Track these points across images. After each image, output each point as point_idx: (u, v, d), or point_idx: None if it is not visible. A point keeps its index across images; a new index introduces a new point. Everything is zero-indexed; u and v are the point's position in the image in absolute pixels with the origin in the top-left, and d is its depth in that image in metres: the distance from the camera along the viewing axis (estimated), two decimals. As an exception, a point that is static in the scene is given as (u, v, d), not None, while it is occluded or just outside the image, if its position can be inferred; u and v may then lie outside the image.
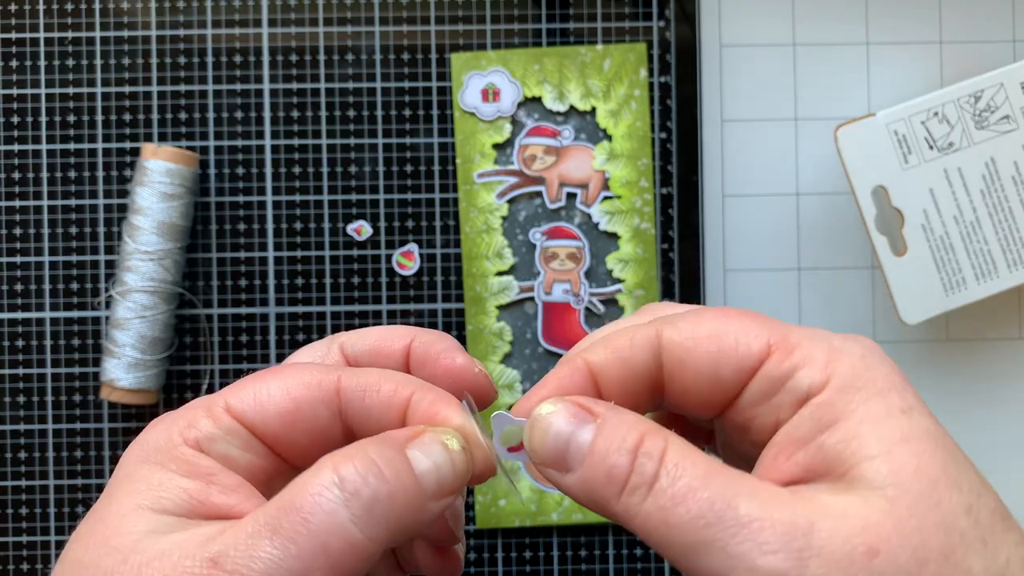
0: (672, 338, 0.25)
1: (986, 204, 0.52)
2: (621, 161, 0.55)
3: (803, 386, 0.24)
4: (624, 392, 0.26)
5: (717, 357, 0.25)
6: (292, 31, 0.56)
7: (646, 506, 0.23)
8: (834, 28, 0.56)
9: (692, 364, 0.25)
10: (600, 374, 0.26)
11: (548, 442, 0.25)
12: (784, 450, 0.24)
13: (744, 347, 0.25)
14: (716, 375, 0.25)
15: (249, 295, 0.56)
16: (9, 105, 0.56)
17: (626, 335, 0.26)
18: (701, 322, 0.25)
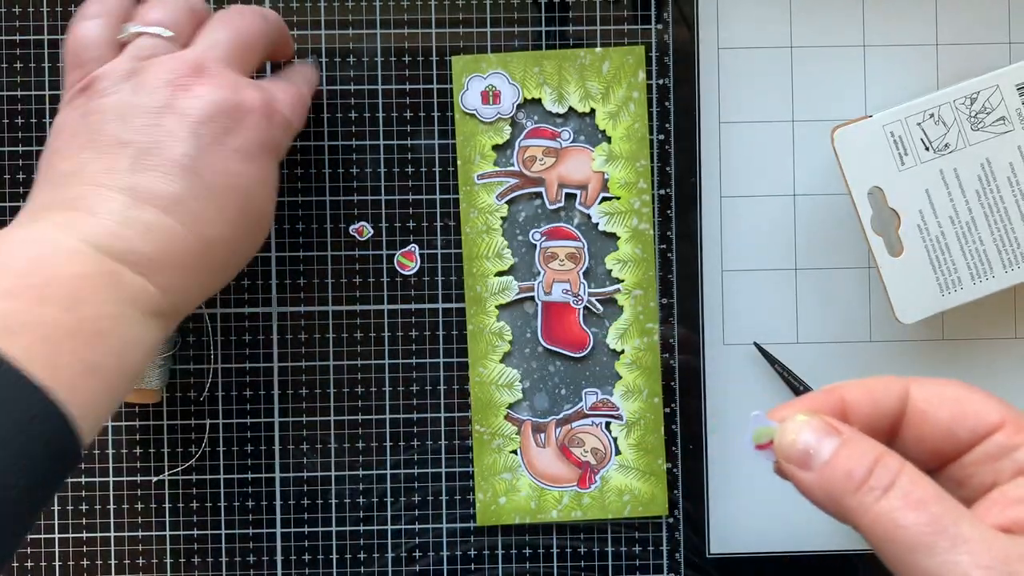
0: (920, 393, 0.30)
1: (982, 205, 0.53)
2: (620, 162, 0.56)
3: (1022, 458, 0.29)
4: (865, 425, 0.31)
5: (958, 418, 0.30)
6: (294, 33, 0.56)
7: (880, 504, 0.27)
8: (831, 31, 0.57)
9: (933, 417, 0.30)
10: (850, 405, 0.31)
11: (798, 443, 0.30)
12: (998, 504, 0.28)
13: (983, 415, 0.30)
14: (952, 432, 0.30)
15: (251, 295, 0.56)
16: (13, 107, 0.56)
17: (882, 381, 0.31)
18: (947, 387, 0.31)
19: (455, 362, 0.57)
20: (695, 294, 0.57)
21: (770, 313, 0.57)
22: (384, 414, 0.57)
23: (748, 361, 0.57)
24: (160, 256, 0.39)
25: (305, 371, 0.56)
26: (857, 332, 0.57)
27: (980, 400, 0.30)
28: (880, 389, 0.31)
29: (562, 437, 0.56)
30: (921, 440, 0.30)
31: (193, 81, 0.41)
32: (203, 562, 0.56)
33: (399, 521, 0.57)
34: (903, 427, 0.31)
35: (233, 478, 0.56)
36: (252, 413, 0.56)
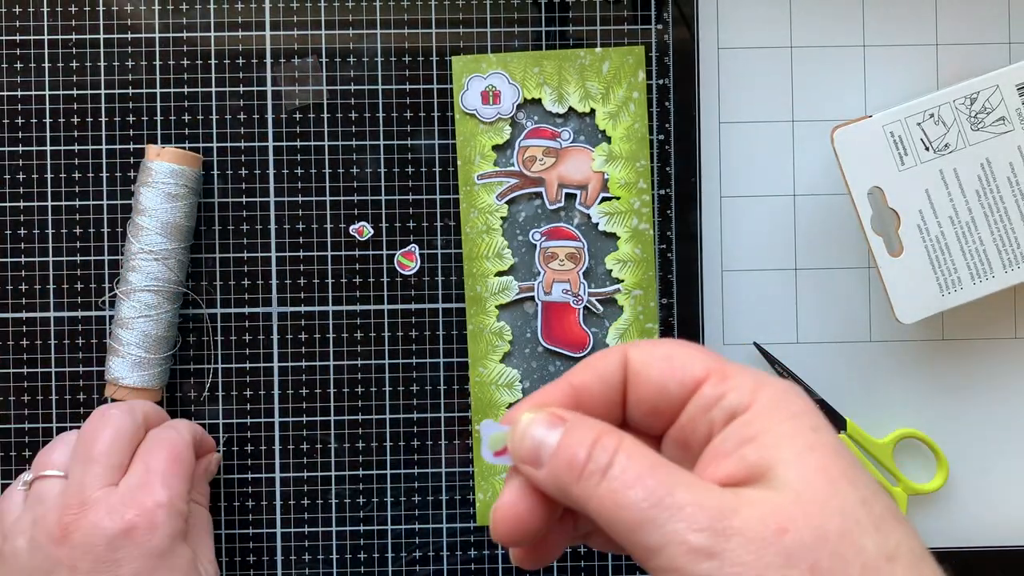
0: (635, 356, 0.31)
1: (981, 205, 0.53)
2: (620, 162, 0.56)
3: (731, 405, 0.29)
4: (601, 403, 0.31)
5: (666, 374, 0.30)
6: (294, 34, 0.56)
7: (600, 489, 0.27)
8: (831, 31, 0.57)
9: (646, 377, 0.30)
10: (579, 388, 0.31)
11: (525, 443, 0.30)
12: (713, 460, 0.28)
13: (689, 369, 0.30)
14: (664, 389, 0.30)
15: (252, 295, 0.56)
16: (13, 107, 0.56)
17: (603, 354, 0.31)
18: (659, 346, 0.31)
19: (455, 362, 0.57)
20: (695, 294, 0.57)
21: (770, 313, 0.57)
22: (384, 414, 0.57)
23: (748, 361, 0.57)
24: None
25: (305, 371, 0.56)
26: (857, 332, 0.57)
27: (687, 354, 0.30)
28: (601, 363, 0.31)
29: (562, 437, 0.56)
30: (640, 402, 0.31)
31: (78, 515, 0.46)
32: (203, 562, 0.56)
33: (399, 521, 0.57)
34: (628, 393, 0.31)
35: (233, 478, 0.56)
36: (252, 413, 0.56)
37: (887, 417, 0.57)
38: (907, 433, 0.57)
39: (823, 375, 0.57)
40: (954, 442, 0.57)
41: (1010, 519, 0.57)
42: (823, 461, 0.27)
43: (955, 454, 0.57)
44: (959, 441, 0.57)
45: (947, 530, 0.57)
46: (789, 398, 0.29)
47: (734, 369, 0.30)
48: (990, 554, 0.57)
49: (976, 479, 0.57)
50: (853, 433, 0.56)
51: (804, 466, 0.27)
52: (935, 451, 0.57)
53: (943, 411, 0.57)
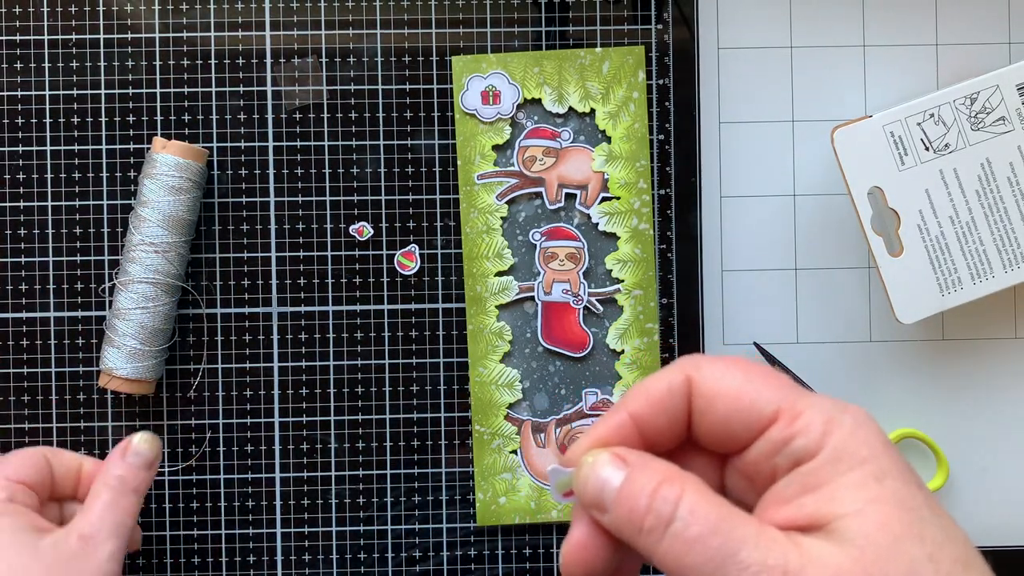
0: (702, 386, 0.30)
1: (982, 205, 0.53)
2: (620, 162, 0.56)
3: (798, 452, 0.28)
4: (664, 431, 0.30)
5: (733, 414, 0.29)
6: (294, 34, 0.56)
7: (663, 546, 0.27)
8: (831, 31, 0.57)
9: (712, 412, 0.29)
10: (640, 420, 0.30)
11: (589, 488, 0.29)
12: (774, 504, 0.28)
13: (757, 408, 0.29)
14: (730, 427, 0.29)
15: (252, 294, 0.56)
16: (14, 107, 0.56)
17: (663, 381, 0.30)
18: (727, 374, 0.29)
19: (455, 362, 0.57)
20: (695, 294, 0.57)
21: (770, 313, 0.57)
22: (384, 414, 0.57)
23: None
24: None
25: (305, 371, 0.56)
26: (857, 332, 0.57)
27: (756, 389, 0.29)
28: (663, 394, 0.30)
29: (562, 437, 0.56)
30: (706, 433, 0.30)
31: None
32: (203, 562, 0.56)
33: (399, 521, 0.57)
34: (692, 420, 0.30)
35: (233, 478, 0.56)
36: (252, 413, 0.56)
37: (887, 417, 0.57)
38: (907, 433, 0.57)
39: (823, 375, 0.57)
40: (954, 442, 0.57)
41: (1010, 519, 0.57)
42: (886, 515, 0.26)
43: (955, 454, 0.57)
44: (959, 441, 0.57)
45: (947, 530, 0.57)
46: (858, 441, 0.28)
47: (805, 404, 0.28)
48: (990, 554, 0.57)
49: (976, 479, 0.57)
50: (853, 433, 0.56)
51: (866, 522, 0.26)
52: (935, 451, 0.57)
53: (943, 411, 0.57)
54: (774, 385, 0.29)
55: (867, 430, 0.28)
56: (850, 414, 0.28)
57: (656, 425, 0.30)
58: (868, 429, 0.28)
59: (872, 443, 0.28)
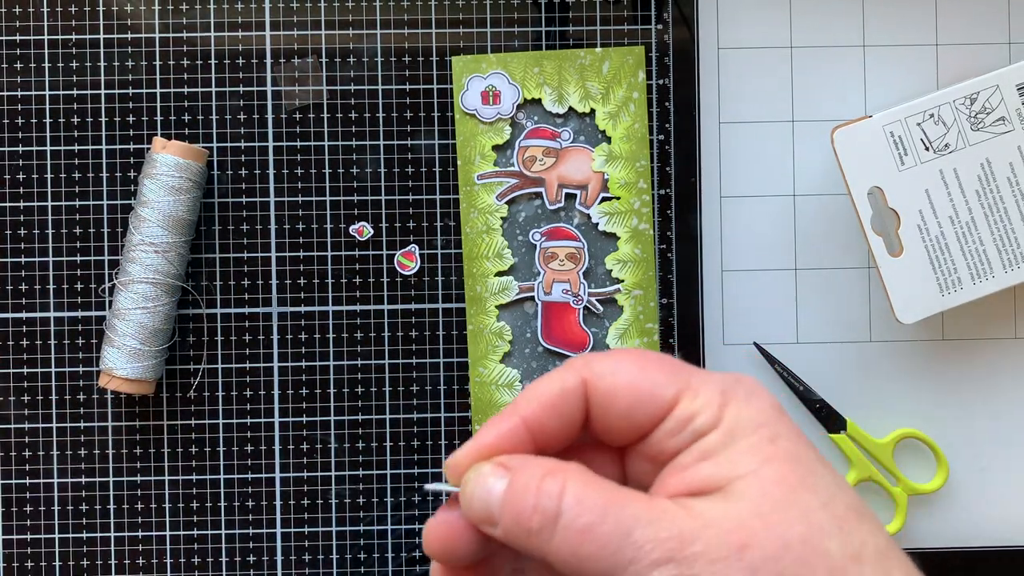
0: (597, 384, 0.29)
1: (981, 205, 0.53)
2: (620, 163, 0.56)
3: (698, 427, 0.28)
4: (558, 434, 0.29)
5: (635, 405, 0.29)
6: (294, 34, 0.56)
7: (555, 543, 0.26)
8: (831, 31, 0.57)
9: (611, 407, 0.29)
10: (533, 426, 0.29)
11: (475, 505, 0.28)
12: (672, 474, 0.28)
13: (658, 395, 0.29)
14: (633, 419, 0.29)
15: (252, 295, 0.56)
16: (14, 107, 0.56)
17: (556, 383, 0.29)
18: (620, 368, 0.29)
19: (455, 362, 0.57)
20: (695, 294, 0.57)
21: (770, 313, 0.57)
22: (384, 414, 0.57)
23: (748, 361, 0.57)
24: None
25: (305, 371, 0.56)
26: (857, 332, 0.57)
27: (653, 378, 0.29)
28: (556, 396, 0.29)
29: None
30: (610, 430, 0.29)
31: None
32: (203, 562, 0.56)
33: (399, 521, 0.57)
34: (590, 419, 0.30)
35: (233, 478, 0.56)
36: (252, 413, 0.56)
37: (887, 417, 0.57)
38: (907, 433, 0.57)
39: (823, 375, 0.57)
40: (954, 442, 0.57)
41: (1010, 519, 0.57)
42: (780, 471, 0.27)
43: (955, 454, 0.57)
44: (959, 441, 0.57)
45: (947, 530, 0.57)
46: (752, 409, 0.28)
47: (700, 381, 0.29)
48: (990, 554, 0.57)
49: (976, 479, 0.57)
50: (853, 433, 0.56)
51: (761, 479, 0.27)
52: (935, 451, 0.57)
53: (943, 411, 0.57)
54: (669, 370, 0.29)
55: (759, 398, 0.29)
56: (743, 385, 0.29)
57: (549, 428, 0.29)
58: (760, 397, 0.29)
59: (765, 409, 0.28)
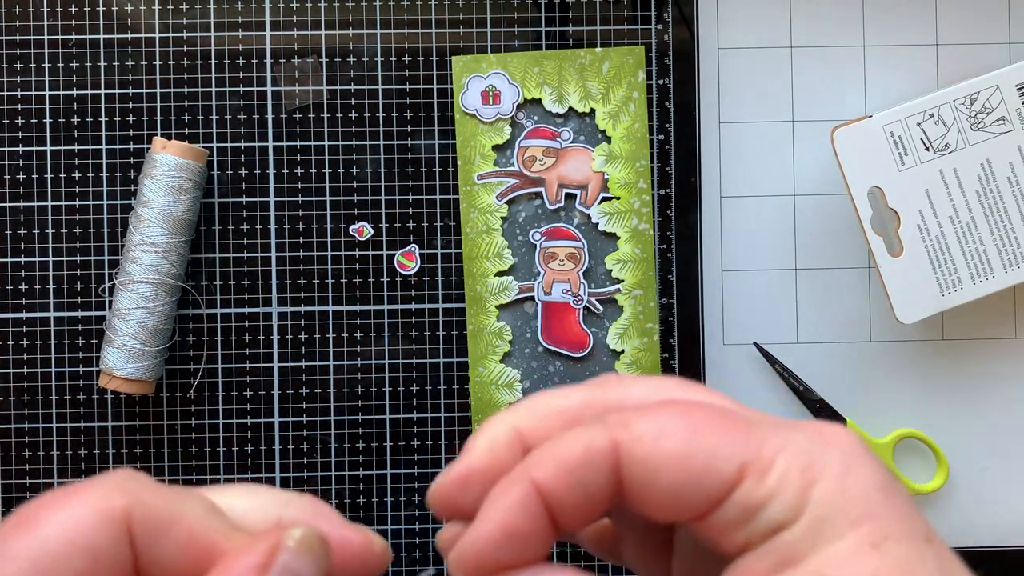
0: (634, 456, 0.22)
1: (982, 205, 0.53)
2: (620, 163, 0.56)
3: (774, 519, 0.22)
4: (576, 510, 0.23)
5: (685, 483, 0.22)
6: (294, 34, 0.56)
7: None
8: (831, 31, 0.57)
9: (657, 488, 0.22)
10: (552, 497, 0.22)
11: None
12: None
13: (715, 473, 0.22)
14: (682, 500, 0.22)
15: (251, 295, 0.56)
16: (14, 107, 0.56)
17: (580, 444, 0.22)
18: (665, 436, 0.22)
19: (455, 362, 0.57)
20: (695, 294, 0.57)
21: (770, 313, 0.57)
22: (384, 414, 0.57)
23: (748, 361, 0.57)
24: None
25: (305, 371, 0.56)
26: (857, 332, 0.57)
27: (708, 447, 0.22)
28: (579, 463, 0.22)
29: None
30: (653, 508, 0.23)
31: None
32: (203, 562, 0.56)
33: (399, 521, 0.57)
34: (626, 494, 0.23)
35: (233, 478, 0.56)
36: (252, 413, 0.56)
37: (887, 417, 0.57)
38: (907, 433, 0.57)
39: (823, 375, 0.57)
40: (954, 442, 0.57)
41: (1010, 519, 0.57)
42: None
43: (955, 454, 0.57)
44: (959, 441, 0.57)
45: (947, 530, 0.57)
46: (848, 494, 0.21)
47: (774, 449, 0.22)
48: (990, 554, 0.57)
49: (976, 479, 0.57)
50: (853, 433, 0.56)
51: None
52: (935, 451, 0.57)
53: (943, 411, 0.57)
54: (731, 432, 0.22)
55: (857, 474, 0.22)
56: (835, 450, 0.22)
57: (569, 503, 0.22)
58: (859, 472, 0.22)
59: (866, 492, 0.22)
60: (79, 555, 0.20)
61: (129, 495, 0.21)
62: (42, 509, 0.20)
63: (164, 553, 0.21)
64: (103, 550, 0.20)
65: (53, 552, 0.20)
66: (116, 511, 0.20)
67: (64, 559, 0.20)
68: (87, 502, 0.21)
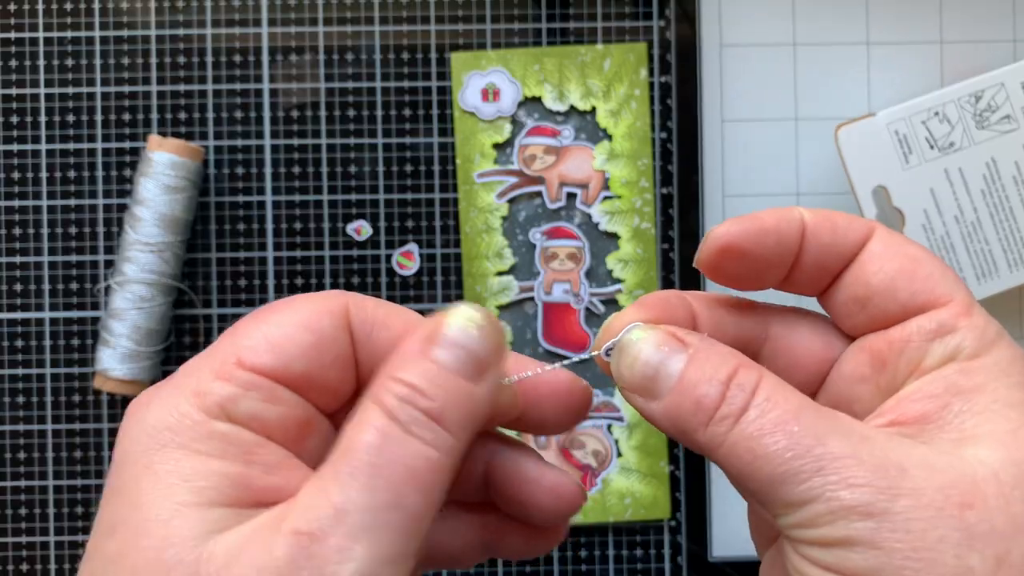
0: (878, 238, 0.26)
1: (987, 204, 0.53)
2: (621, 161, 0.56)
3: (960, 345, 0.24)
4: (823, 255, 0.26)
5: (907, 274, 0.25)
6: (292, 31, 0.56)
7: (732, 435, 0.23)
8: (834, 28, 0.56)
9: (878, 270, 0.25)
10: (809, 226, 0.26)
11: (636, 369, 0.25)
12: (915, 396, 0.24)
13: (934, 283, 0.25)
14: (894, 288, 0.25)
15: (248, 295, 0.56)
16: (9, 105, 0.56)
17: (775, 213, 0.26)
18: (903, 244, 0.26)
19: (455, 363, 0.56)
20: (697, 294, 0.56)
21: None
22: (383, 415, 0.56)
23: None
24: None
25: (303, 372, 0.56)
26: (861, 332, 0.57)
27: (938, 268, 0.25)
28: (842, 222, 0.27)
29: (563, 439, 0.56)
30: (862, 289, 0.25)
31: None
32: (200, 565, 0.56)
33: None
34: (847, 273, 0.26)
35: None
36: (249, 414, 0.56)
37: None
38: (911, 435, 0.56)
39: (826, 376, 0.56)
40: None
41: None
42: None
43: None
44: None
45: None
46: (1019, 361, 0.24)
47: (977, 308, 0.25)
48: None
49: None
50: (857, 435, 0.56)
51: (1013, 445, 0.22)
52: None
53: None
54: (955, 276, 0.25)
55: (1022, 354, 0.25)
56: (1014, 344, 0.25)
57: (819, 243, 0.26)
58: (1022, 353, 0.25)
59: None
60: (305, 334, 0.23)
61: (348, 298, 0.25)
62: (272, 307, 0.24)
63: (378, 343, 0.25)
64: (326, 333, 0.24)
65: (283, 331, 0.23)
66: (337, 306, 0.24)
67: (292, 336, 0.23)
68: (312, 300, 0.24)
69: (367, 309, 0.25)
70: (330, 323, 0.24)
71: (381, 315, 0.25)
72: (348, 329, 0.25)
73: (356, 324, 0.25)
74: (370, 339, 0.25)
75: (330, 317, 0.24)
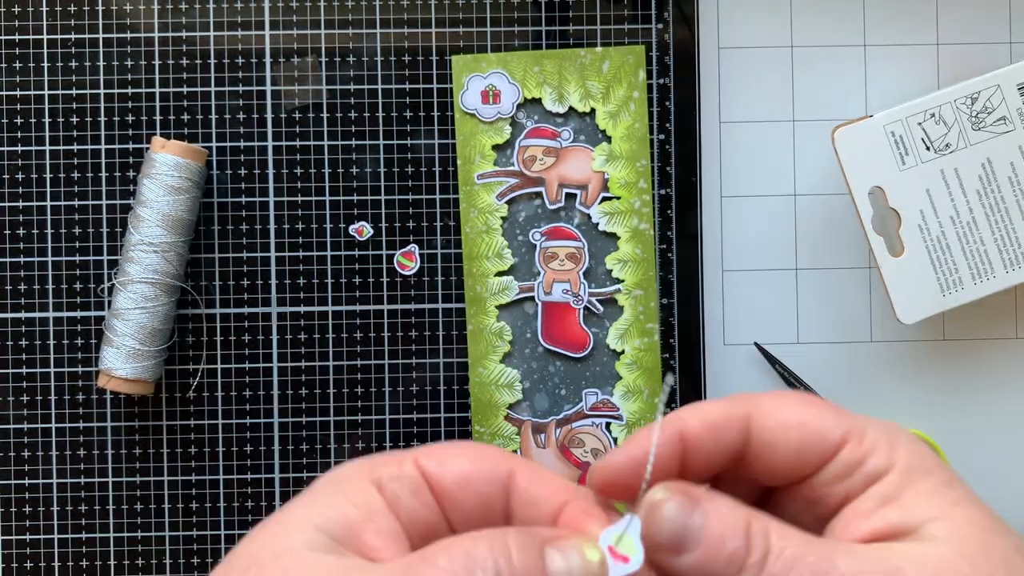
0: (763, 423, 0.29)
1: (983, 205, 0.53)
2: (620, 162, 0.56)
3: (872, 471, 0.29)
4: (705, 460, 0.29)
5: (804, 445, 0.29)
6: (294, 33, 0.56)
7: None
8: (831, 30, 0.57)
9: (780, 450, 0.29)
10: (691, 442, 0.29)
11: (665, 528, 0.27)
12: (853, 520, 0.28)
13: (826, 436, 0.29)
14: (801, 458, 0.29)
15: (251, 295, 0.56)
16: (12, 106, 0.56)
17: (719, 410, 0.29)
18: (790, 410, 0.29)
19: (455, 362, 0.56)
20: (695, 294, 0.57)
21: (770, 313, 0.57)
22: (384, 414, 0.56)
23: (748, 361, 0.57)
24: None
25: (305, 371, 0.56)
26: (857, 332, 0.57)
27: (820, 417, 0.29)
28: (720, 423, 0.29)
29: (562, 438, 0.56)
30: (771, 469, 0.30)
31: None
32: (203, 562, 0.56)
33: (399, 521, 0.56)
34: (750, 458, 0.30)
35: (233, 478, 0.56)
36: (252, 413, 0.56)
37: (887, 417, 0.57)
38: (908, 433, 0.57)
39: (823, 375, 0.57)
40: (954, 442, 0.57)
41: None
42: (972, 515, 0.28)
43: (955, 454, 0.57)
44: (959, 441, 0.57)
45: (948, 530, 0.57)
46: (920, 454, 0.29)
47: (865, 425, 0.29)
48: (991, 554, 0.57)
49: (976, 479, 0.57)
50: (854, 433, 0.56)
51: (956, 523, 0.27)
52: (936, 451, 0.57)
53: (943, 411, 0.57)
54: (834, 411, 0.30)
55: (920, 445, 0.29)
56: (902, 432, 0.30)
57: (704, 452, 0.29)
58: (919, 444, 0.30)
59: (928, 454, 0.29)
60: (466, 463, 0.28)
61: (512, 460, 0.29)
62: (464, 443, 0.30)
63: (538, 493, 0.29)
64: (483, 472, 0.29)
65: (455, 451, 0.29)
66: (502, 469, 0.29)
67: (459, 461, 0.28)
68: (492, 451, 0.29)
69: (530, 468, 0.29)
70: (489, 467, 0.29)
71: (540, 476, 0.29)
72: (504, 481, 0.29)
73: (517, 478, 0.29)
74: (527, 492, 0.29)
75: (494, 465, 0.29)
